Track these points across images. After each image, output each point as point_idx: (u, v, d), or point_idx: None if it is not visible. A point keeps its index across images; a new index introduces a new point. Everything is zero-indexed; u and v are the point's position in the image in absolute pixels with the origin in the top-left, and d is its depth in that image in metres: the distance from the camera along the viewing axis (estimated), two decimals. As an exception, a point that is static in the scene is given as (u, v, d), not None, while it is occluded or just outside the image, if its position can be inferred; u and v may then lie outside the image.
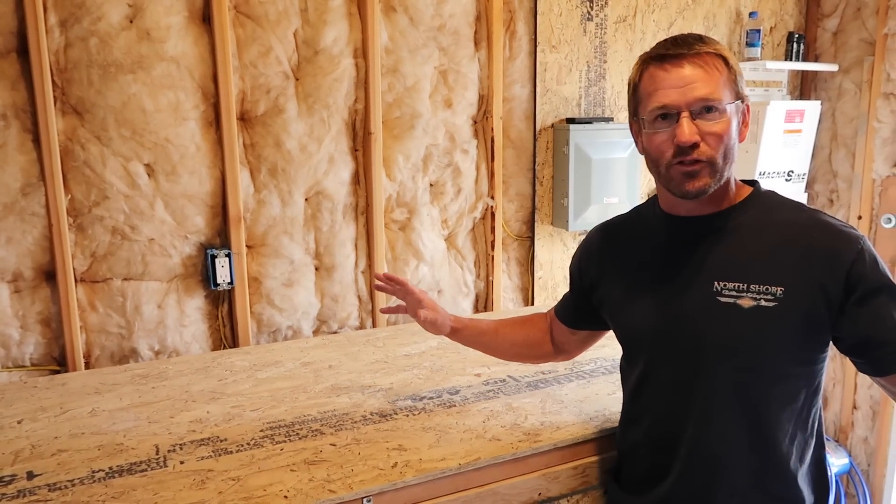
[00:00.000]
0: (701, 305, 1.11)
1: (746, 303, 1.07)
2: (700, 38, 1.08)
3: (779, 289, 1.05)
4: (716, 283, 1.10)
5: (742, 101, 1.10)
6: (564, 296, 1.45)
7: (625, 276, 1.25)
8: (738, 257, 1.10)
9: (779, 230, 1.09)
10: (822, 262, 1.04)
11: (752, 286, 1.07)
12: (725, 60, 1.08)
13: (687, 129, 1.05)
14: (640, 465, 1.26)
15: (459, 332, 1.48)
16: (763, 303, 1.05)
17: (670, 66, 1.07)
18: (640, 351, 1.23)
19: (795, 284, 1.05)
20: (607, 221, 1.36)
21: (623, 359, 1.30)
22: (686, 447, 1.15)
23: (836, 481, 2.93)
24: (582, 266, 1.36)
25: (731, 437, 1.11)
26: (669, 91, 1.06)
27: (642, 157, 1.14)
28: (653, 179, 2.88)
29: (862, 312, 1.03)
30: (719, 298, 1.09)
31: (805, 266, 1.05)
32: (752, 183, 1.18)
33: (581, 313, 1.39)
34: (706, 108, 1.06)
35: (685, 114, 1.05)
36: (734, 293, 1.08)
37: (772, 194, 1.17)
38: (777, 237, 1.09)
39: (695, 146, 1.06)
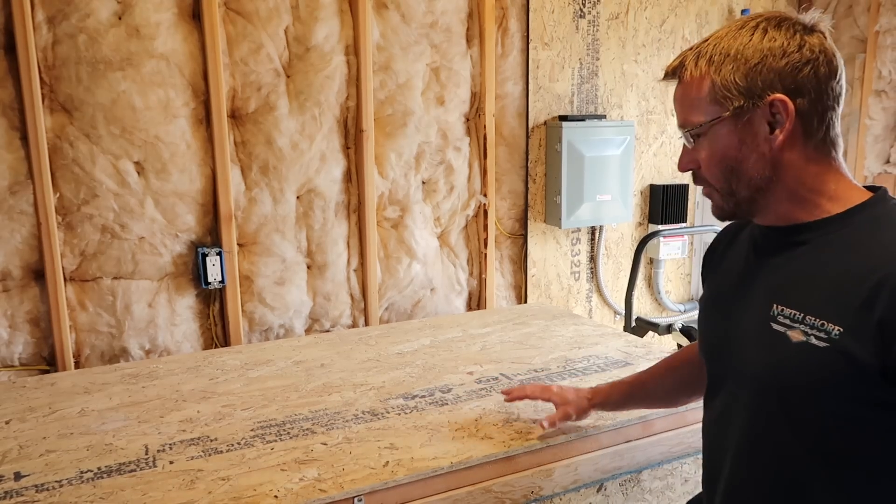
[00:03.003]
0: (755, 328, 0.96)
1: (796, 336, 0.89)
2: (697, 52, 0.95)
3: (836, 328, 0.84)
4: (774, 306, 0.93)
5: (742, 108, 0.91)
6: None
7: (716, 282, 1.13)
8: (805, 281, 0.91)
9: (868, 256, 0.86)
10: (890, 300, 0.81)
11: (808, 318, 0.88)
12: (711, 76, 0.93)
13: (682, 158, 1.00)
14: (704, 494, 1.16)
15: (605, 408, 1.39)
16: (814, 340, 0.86)
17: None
18: (706, 364, 1.11)
19: (856, 326, 0.83)
20: (735, 222, 1.16)
21: None
22: (724, 484, 1.03)
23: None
24: (704, 266, 1.22)
25: (767, 489, 0.96)
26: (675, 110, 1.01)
27: (635, 156, 1.05)
28: (645, 177, 2.89)
29: None
30: (772, 324, 0.93)
31: (872, 304, 0.82)
32: (877, 189, 0.94)
33: None
34: (690, 132, 0.97)
35: (682, 137, 0.99)
36: (788, 322, 0.90)
37: (894, 209, 0.90)
38: (861, 264, 0.86)
39: (693, 173, 0.99)
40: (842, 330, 0.84)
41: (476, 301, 2.53)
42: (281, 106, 2.06)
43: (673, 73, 0.98)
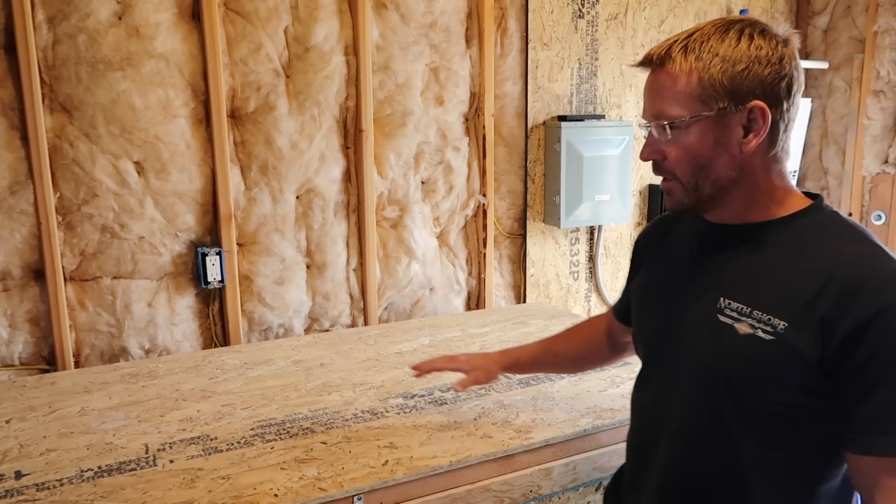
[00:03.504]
0: (700, 319, 1.02)
1: (743, 328, 0.95)
2: (684, 45, 0.96)
3: (782, 323, 0.92)
4: (721, 299, 1.00)
5: (725, 109, 0.94)
6: (623, 290, 1.37)
7: (653, 275, 1.18)
8: (752, 277, 0.98)
9: (812, 258, 0.93)
10: (835, 300, 0.88)
11: (755, 312, 0.95)
12: (698, 72, 0.94)
13: (646, 147, 1.00)
14: (628, 472, 1.21)
15: (512, 369, 1.47)
16: (760, 333, 0.93)
17: (648, 74, 1.00)
18: (642, 353, 1.18)
19: (800, 322, 0.90)
20: (667, 213, 1.22)
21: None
22: (660, 465, 1.09)
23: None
24: (636, 254, 1.28)
25: (706, 467, 1.03)
26: (644, 100, 1.02)
27: (633, 155, 1.08)
28: (644, 177, 2.89)
29: (852, 384, 0.88)
30: (719, 316, 0.99)
31: (817, 303, 0.89)
32: (816, 197, 1.02)
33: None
34: (667, 124, 0.97)
35: (651, 126, 0.99)
36: (735, 315, 0.97)
37: (831, 216, 0.99)
38: (805, 265, 0.93)
39: (656, 163, 1.00)
40: (787, 325, 0.91)
41: (475, 301, 2.54)
42: (280, 106, 2.07)
43: (659, 61, 0.97)
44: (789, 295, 0.93)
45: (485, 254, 2.48)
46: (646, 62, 0.99)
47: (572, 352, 1.45)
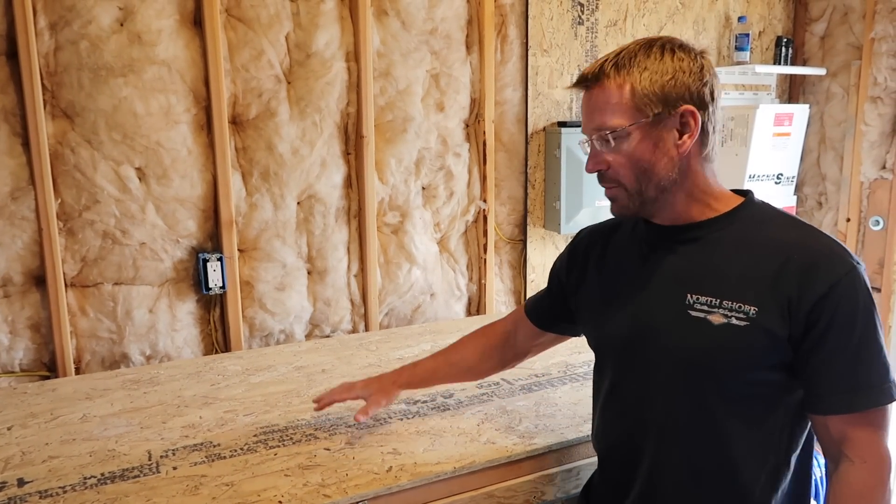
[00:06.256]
0: (671, 318, 1.07)
1: (717, 319, 1.02)
2: (615, 63, 1.04)
3: (752, 308, 1.00)
4: (688, 295, 1.06)
5: (660, 115, 1.02)
6: (539, 296, 1.40)
7: (603, 283, 1.21)
8: (714, 271, 1.05)
9: (762, 245, 1.04)
10: (797, 280, 0.98)
11: (725, 302, 1.02)
12: (631, 84, 1.03)
13: (590, 160, 1.08)
14: (605, 482, 1.22)
15: (411, 386, 1.48)
16: (734, 321, 1.01)
17: (584, 93, 1.09)
18: (609, 361, 1.19)
19: (769, 304, 0.99)
20: (597, 224, 1.31)
21: (594, 369, 1.25)
22: (647, 466, 1.11)
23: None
24: (568, 267, 1.31)
25: (694, 457, 1.07)
26: (583, 118, 1.10)
27: None
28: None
29: (816, 351, 0.98)
30: (690, 312, 1.05)
31: (780, 284, 0.99)
32: (746, 193, 1.12)
33: (555, 315, 1.35)
34: (609, 134, 1.04)
35: (592, 141, 1.08)
36: (706, 308, 1.04)
37: (765, 207, 1.10)
38: (759, 253, 1.03)
39: (601, 173, 1.08)
40: (757, 309, 1.00)
41: (476, 306, 2.54)
42: (282, 112, 2.07)
43: (594, 78, 1.05)
44: (753, 281, 1.01)
45: (485, 259, 2.48)
46: (581, 82, 1.08)
47: (470, 359, 1.47)
